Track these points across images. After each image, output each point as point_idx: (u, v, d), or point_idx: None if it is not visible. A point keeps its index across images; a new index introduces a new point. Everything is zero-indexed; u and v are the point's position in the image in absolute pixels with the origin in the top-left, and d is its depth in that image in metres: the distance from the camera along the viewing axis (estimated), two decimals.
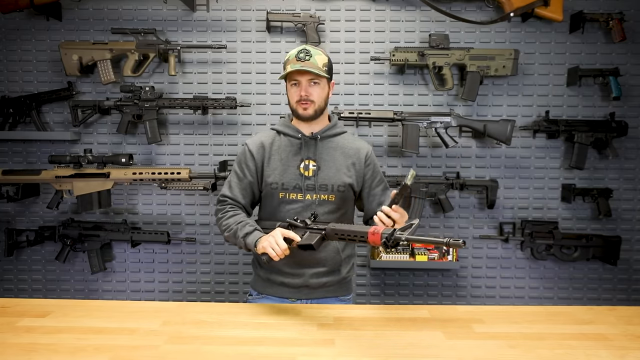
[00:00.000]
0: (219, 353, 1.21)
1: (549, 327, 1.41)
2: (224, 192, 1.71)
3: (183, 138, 2.64)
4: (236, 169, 1.72)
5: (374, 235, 1.30)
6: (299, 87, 1.63)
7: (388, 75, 2.61)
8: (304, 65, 1.58)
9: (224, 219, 1.65)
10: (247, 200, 1.72)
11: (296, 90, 1.64)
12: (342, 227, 1.40)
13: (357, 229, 1.37)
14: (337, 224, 1.43)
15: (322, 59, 1.63)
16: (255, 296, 1.77)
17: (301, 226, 1.49)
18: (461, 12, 2.55)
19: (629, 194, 2.63)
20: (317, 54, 1.62)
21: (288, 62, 1.62)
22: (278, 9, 2.56)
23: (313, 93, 1.63)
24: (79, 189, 2.49)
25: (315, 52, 1.62)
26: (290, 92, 1.67)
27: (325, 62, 1.64)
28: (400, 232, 1.25)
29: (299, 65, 1.58)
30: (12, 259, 2.67)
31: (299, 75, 1.61)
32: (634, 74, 2.58)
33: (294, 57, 1.61)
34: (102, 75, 2.50)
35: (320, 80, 1.63)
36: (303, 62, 1.59)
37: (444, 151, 2.61)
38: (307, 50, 1.60)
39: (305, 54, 1.59)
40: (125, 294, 2.70)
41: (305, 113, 1.64)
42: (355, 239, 1.35)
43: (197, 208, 2.65)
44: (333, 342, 1.27)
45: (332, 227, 1.42)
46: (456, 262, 2.54)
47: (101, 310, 1.50)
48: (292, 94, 1.65)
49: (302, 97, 1.62)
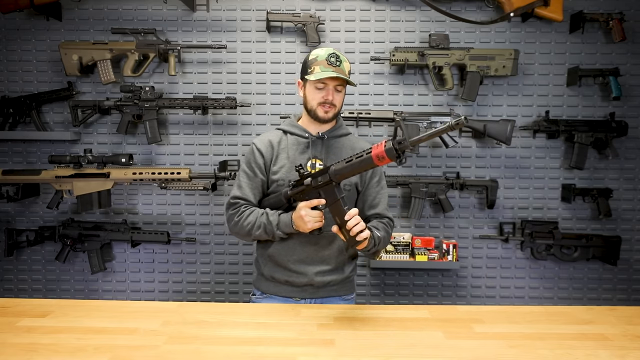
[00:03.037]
0: (219, 353, 1.21)
1: (549, 327, 1.41)
2: (234, 194, 1.70)
3: (183, 138, 2.64)
4: (245, 168, 1.72)
5: (377, 149, 1.31)
6: (324, 90, 1.65)
7: (388, 75, 2.61)
8: (337, 71, 1.61)
9: (243, 219, 1.65)
10: (258, 199, 1.72)
11: (320, 93, 1.65)
12: (344, 166, 1.41)
13: (358, 160, 1.38)
14: (337, 166, 1.43)
15: (348, 65, 1.67)
16: (259, 296, 1.77)
17: (307, 182, 1.51)
18: (461, 12, 2.55)
19: (629, 194, 2.63)
20: (344, 61, 1.66)
21: (316, 62, 1.63)
22: (278, 9, 2.56)
23: (337, 98, 1.67)
24: (79, 189, 2.49)
25: (344, 58, 1.66)
26: (311, 92, 1.67)
27: (350, 68, 1.70)
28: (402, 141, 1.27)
29: (332, 70, 1.60)
30: (12, 259, 2.67)
31: (328, 80, 1.63)
32: (634, 74, 2.58)
33: (324, 59, 1.62)
34: (102, 75, 2.50)
35: (344, 87, 1.68)
36: (335, 67, 1.61)
37: (444, 151, 2.61)
38: (337, 56, 1.63)
39: (336, 59, 1.62)
40: (125, 294, 2.70)
41: (326, 116, 1.68)
42: (362, 167, 1.38)
43: (197, 208, 2.65)
44: (333, 342, 1.27)
45: (334, 170, 1.43)
46: (456, 262, 2.54)
47: (101, 310, 1.49)
48: (315, 95, 1.66)
49: (327, 101, 1.65)
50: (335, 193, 1.46)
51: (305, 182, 1.52)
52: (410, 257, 2.54)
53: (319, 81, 1.63)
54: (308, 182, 1.51)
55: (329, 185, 1.46)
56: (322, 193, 1.49)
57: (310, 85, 1.67)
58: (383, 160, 1.31)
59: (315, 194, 1.51)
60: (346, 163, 1.41)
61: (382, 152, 1.30)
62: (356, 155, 1.39)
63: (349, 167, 1.40)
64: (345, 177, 1.44)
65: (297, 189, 1.56)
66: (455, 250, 2.53)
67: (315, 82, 1.65)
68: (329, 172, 1.45)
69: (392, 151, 1.28)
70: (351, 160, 1.40)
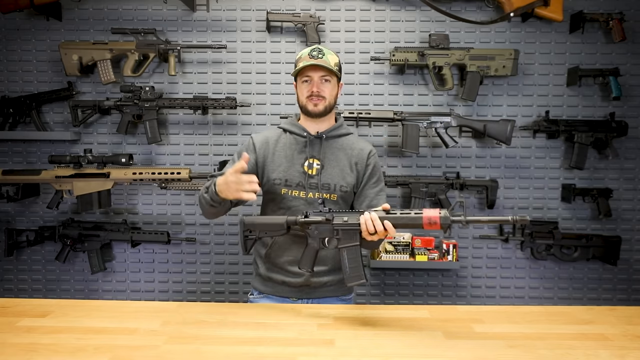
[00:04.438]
0: (219, 353, 1.21)
1: (549, 327, 1.41)
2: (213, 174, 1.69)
3: (183, 138, 2.64)
4: (235, 158, 1.72)
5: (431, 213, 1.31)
6: (310, 83, 1.64)
7: (388, 75, 2.61)
8: (318, 61, 1.60)
9: (201, 192, 1.62)
10: None
11: (307, 87, 1.65)
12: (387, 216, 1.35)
13: (404, 216, 1.35)
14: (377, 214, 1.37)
15: (334, 58, 1.66)
16: (257, 295, 1.77)
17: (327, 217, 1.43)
18: (461, 12, 2.55)
19: (629, 194, 2.63)
20: (329, 54, 1.65)
21: (300, 59, 1.65)
22: (278, 9, 2.56)
23: (324, 89, 1.65)
24: (79, 189, 2.49)
25: (328, 51, 1.65)
26: (300, 88, 1.67)
27: (337, 61, 1.68)
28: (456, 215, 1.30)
29: (312, 61, 1.60)
30: (12, 259, 2.66)
31: (311, 71, 1.63)
32: (634, 74, 2.58)
33: (306, 54, 1.63)
34: (102, 75, 2.50)
35: (331, 78, 1.66)
36: (316, 59, 1.61)
37: (444, 151, 2.61)
38: (320, 49, 1.64)
39: (319, 52, 1.63)
40: (125, 294, 2.70)
41: (316, 109, 1.65)
42: (406, 224, 1.36)
43: (197, 208, 2.65)
44: (333, 342, 1.27)
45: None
46: (456, 262, 2.54)
47: (101, 310, 1.49)
48: (303, 90, 1.66)
49: (314, 93, 1.63)
50: (356, 239, 1.41)
51: (327, 217, 1.44)
52: (410, 257, 2.54)
53: (303, 74, 1.64)
54: (326, 218, 1.43)
55: (355, 229, 1.40)
56: (341, 233, 1.43)
57: (298, 83, 1.67)
58: (433, 225, 1.31)
59: (330, 231, 1.44)
60: (386, 214, 1.37)
61: (437, 219, 1.31)
62: (401, 211, 1.36)
63: (390, 218, 1.36)
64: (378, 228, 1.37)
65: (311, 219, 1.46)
66: (455, 250, 2.53)
67: (301, 77, 1.65)
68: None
69: (447, 220, 1.30)
70: (394, 214, 1.36)
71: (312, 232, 1.47)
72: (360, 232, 1.41)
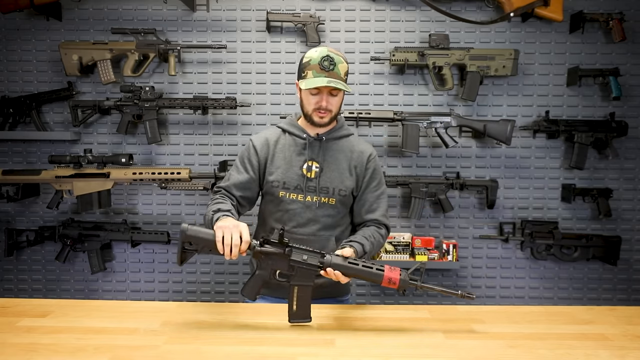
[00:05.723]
0: (219, 353, 1.21)
1: (549, 327, 1.41)
2: (219, 184, 1.69)
3: (183, 138, 2.64)
4: (237, 164, 1.70)
5: (392, 273, 1.35)
6: (319, 96, 1.59)
7: (388, 75, 2.61)
8: (330, 75, 1.54)
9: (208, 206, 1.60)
10: (241, 194, 1.66)
11: (315, 99, 1.59)
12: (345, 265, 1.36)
13: (363, 269, 1.36)
14: (335, 259, 1.37)
15: (344, 67, 1.59)
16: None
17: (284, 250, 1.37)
18: (461, 12, 2.55)
19: (629, 194, 2.63)
20: (340, 62, 1.57)
21: (309, 67, 1.56)
22: (278, 9, 2.56)
23: (333, 103, 1.60)
24: (79, 189, 2.49)
25: (338, 59, 1.56)
26: (306, 97, 1.61)
27: (346, 69, 1.60)
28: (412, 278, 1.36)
29: (324, 76, 1.53)
30: (12, 259, 2.66)
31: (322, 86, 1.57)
32: (634, 74, 2.58)
33: (317, 63, 1.55)
34: (102, 75, 2.50)
35: (341, 90, 1.61)
36: (328, 72, 1.54)
37: (444, 151, 2.61)
38: (331, 59, 1.54)
39: (330, 62, 1.54)
40: (125, 294, 2.70)
41: (322, 121, 1.62)
42: (364, 277, 1.38)
43: (197, 208, 2.65)
44: (333, 342, 1.27)
45: (332, 263, 1.36)
46: (456, 262, 2.54)
47: (101, 310, 1.49)
48: (310, 101, 1.60)
49: (322, 107, 1.59)
50: (311, 279, 1.38)
51: (283, 250, 1.37)
52: (410, 257, 2.54)
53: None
54: (285, 252, 1.37)
55: (313, 270, 1.37)
56: (297, 271, 1.38)
57: (305, 91, 1.61)
58: (392, 285, 1.34)
59: (285, 265, 1.38)
60: (348, 263, 1.37)
61: (396, 280, 1.34)
62: (363, 263, 1.37)
63: (351, 269, 1.36)
64: (338, 276, 1.37)
65: (267, 249, 1.38)
66: (455, 250, 2.53)
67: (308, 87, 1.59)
68: (323, 260, 1.38)
69: (406, 284, 1.34)
70: (356, 265, 1.37)
71: (265, 262, 1.39)
72: (317, 274, 1.39)
